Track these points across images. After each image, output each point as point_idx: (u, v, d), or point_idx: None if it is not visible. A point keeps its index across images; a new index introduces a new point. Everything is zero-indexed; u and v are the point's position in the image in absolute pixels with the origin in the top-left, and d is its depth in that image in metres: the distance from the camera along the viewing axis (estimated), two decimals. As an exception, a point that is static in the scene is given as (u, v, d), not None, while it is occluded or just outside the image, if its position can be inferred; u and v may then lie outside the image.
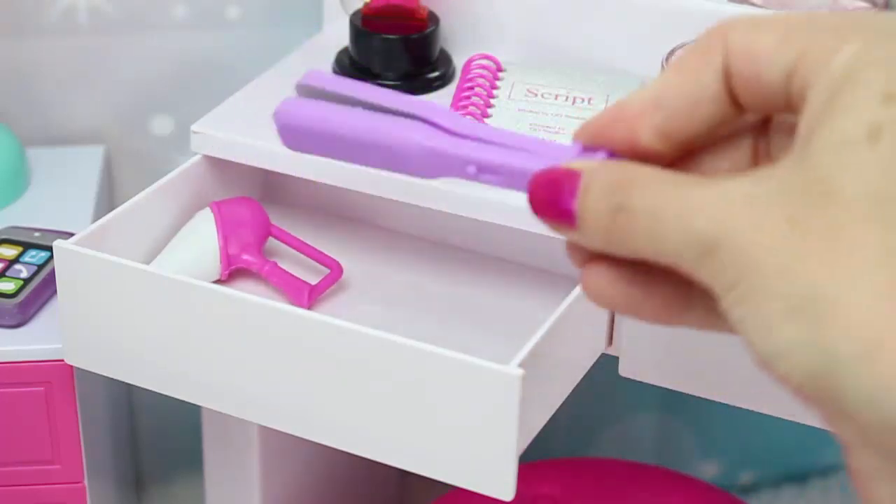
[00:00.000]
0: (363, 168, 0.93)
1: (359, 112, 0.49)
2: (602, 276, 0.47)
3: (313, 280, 0.92)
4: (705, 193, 0.44)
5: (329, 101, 0.50)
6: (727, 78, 0.46)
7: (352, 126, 0.49)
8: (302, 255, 0.95)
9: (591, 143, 0.48)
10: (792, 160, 0.43)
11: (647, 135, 0.47)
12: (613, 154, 0.47)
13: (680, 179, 0.45)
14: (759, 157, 0.48)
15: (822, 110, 0.43)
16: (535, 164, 0.47)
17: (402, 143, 0.49)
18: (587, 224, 0.46)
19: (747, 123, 0.48)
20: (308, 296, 0.90)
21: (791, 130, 0.45)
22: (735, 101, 0.46)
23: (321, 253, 0.94)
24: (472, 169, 0.48)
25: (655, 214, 0.44)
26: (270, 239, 0.96)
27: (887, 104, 0.42)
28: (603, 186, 0.46)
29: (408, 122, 0.49)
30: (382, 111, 0.49)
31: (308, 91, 0.51)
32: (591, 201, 0.46)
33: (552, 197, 0.47)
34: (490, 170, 0.48)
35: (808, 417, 0.78)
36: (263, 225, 0.95)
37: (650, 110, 0.47)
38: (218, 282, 0.92)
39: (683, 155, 0.48)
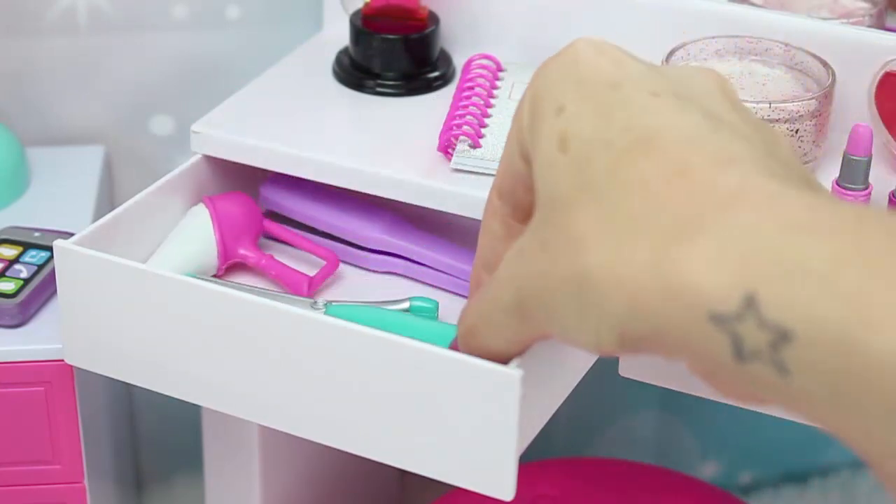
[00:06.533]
0: (361, 168, 0.95)
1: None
2: None
3: (310, 273, 0.92)
4: (501, 272, 0.58)
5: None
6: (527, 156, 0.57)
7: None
8: (296, 249, 0.95)
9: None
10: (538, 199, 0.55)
11: (498, 226, 0.62)
12: None
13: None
14: None
15: (532, 147, 0.55)
16: None
17: None
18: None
19: None
20: (308, 287, 0.90)
21: None
22: None
23: (316, 244, 0.94)
24: None
25: (489, 329, 0.62)
26: (263, 235, 0.96)
27: (559, 115, 0.53)
28: (462, 343, 0.66)
29: None
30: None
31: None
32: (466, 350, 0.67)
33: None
34: None
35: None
36: (256, 219, 0.95)
37: (497, 204, 0.62)
38: (215, 276, 0.92)
39: None
